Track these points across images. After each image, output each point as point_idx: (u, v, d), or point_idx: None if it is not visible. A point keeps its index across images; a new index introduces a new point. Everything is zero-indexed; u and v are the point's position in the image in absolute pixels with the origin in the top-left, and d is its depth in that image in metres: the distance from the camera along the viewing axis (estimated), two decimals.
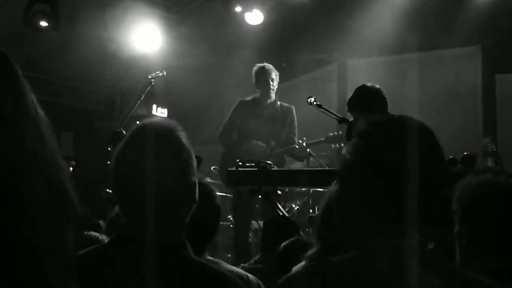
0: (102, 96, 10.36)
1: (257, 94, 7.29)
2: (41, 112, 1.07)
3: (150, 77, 7.16)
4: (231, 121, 7.27)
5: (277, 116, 7.17)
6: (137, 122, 2.10)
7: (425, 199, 1.63)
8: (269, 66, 7.26)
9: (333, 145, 6.89)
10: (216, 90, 7.23)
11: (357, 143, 1.75)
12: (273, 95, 7.20)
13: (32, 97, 1.06)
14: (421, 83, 9.04)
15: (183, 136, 2.03)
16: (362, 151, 1.72)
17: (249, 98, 7.32)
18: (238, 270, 3.02)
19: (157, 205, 1.86)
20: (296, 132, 7.30)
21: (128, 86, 9.07)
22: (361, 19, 9.20)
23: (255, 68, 7.33)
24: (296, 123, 7.32)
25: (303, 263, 2.80)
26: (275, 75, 7.22)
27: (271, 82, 7.17)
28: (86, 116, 10.50)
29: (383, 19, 9.13)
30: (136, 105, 7.10)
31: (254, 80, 7.29)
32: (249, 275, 2.99)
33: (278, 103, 7.28)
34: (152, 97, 8.40)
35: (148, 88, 7.15)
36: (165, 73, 7.21)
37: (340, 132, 6.74)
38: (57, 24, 8.46)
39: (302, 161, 7.24)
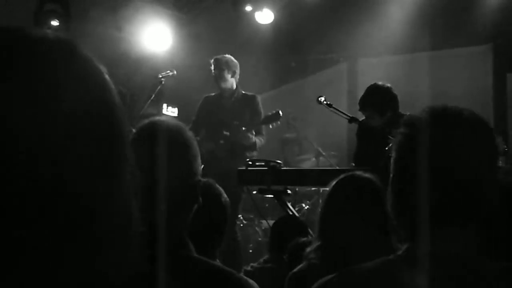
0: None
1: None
2: None
3: (160, 76, 7.14)
4: (197, 118, 7.13)
5: (236, 106, 7.00)
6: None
7: (468, 200, 1.60)
8: (215, 58, 7.07)
9: (270, 125, 6.60)
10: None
11: (405, 137, 1.70)
12: (226, 85, 7.01)
13: None
14: (432, 82, 8.93)
15: (189, 136, 2.03)
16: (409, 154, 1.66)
17: (213, 93, 7.21)
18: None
19: (159, 203, 1.83)
20: (260, 118, 6.91)
21: (138, 85, 9.03)
22: (372, 18, 9.16)
23: None
24: (259, 111, 6.99)
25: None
26: (219, 65, 7.01)
27: (215, 73, 7.01)
28: None
29: (394, 18, 9.11)
30: (147, 104, 7.07)
31: None
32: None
33: (241, 92, 7.11)
34: (162, 96, 8.34)
35: (159, 87, 7.11)
36: (175, 72, 7.17)
37: (276, 111, 6.51)
38: (69, 24, 8.41)
39: (253, 150, 6.81)
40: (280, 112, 6.47)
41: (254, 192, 6.28)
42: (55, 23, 8.27)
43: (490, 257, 1.68)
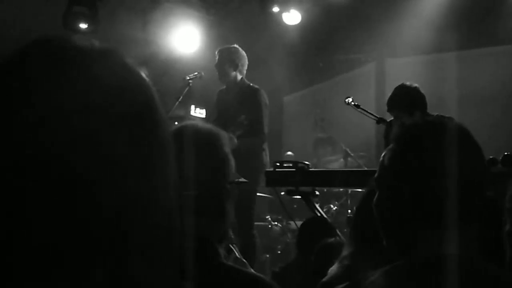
0: None
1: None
2: None
3: (188, 78, 7.09)
4: (216, 113, 7.10)
5: (238, 99, 6.77)
6: (176, 123, 2.07)
7: (469, 202, 1.61)
8: (218, 50, 6.92)
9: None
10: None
11: (396, 148, 1.71)
12: (228, 79, 6.84)
13: None
14: (459, 82, 8.89)
15: (220, 140, 2.01)
16: (402, 156, 1.68)
17: (224, 87, 7.05)
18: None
19: (188, 211, 1.81)
20: (260, 117, 6.64)
21: (166, 87, 9.03)
22: (400, 18, 9.14)
23: None
24: (260, 106, 6.67)
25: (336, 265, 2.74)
26: (220, 58, 6.84)
27: (216, 68, 6.87)
28: None
29: (421, 17, 9.06)
30: (175, 106, 7.04)
31: None
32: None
33: (246, 85, 6.84)
34: (190, 98, 8.25)
35: (186, 89, 7.08)
36: (203, 74, 7.14)
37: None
38: (97, 26, 8.45)
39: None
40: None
41: (282, 193, 6.22)
42: (83, 25, 8.32)
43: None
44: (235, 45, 6.93)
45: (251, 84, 6.84)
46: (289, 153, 9.88)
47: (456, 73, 8.94)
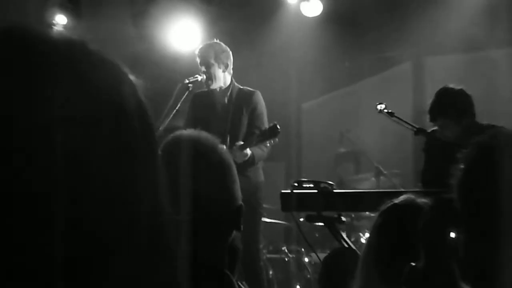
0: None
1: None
2: None
3: (187, 81, 6.94)
4: (189, 117, 7.00)
5: (230, 108, 6.68)
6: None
7: None
8: (199, 49, 6.84)
9: (267, 143, 6.32)
10: (267, 96, 7.06)
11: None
12: (218, 85, 6.77)
13: None
14: (510, 82, 8.82)
15: (226, 155, 2.07)
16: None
17: (204, 90, 6.95)
18: None
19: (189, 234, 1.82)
20: (263, 125, 6.58)
21: (161, 92, 9.00)
22: (439, 9, 9.14)
23: None
24: (262, 113, 6.68)
25: None
26: (205, 59, 6.74)
27: (200, 66, 6.78)
28: None
29: (465, 9, 9.07)
30: (171, 115, 6.95)
31: None
32: None
33: (237, 88, 6.80)
34: None
35: (185, 94, 6.98)
36: (205, 76, 6.94)
37: (273, 124, 6.18)
38: (79, 19, 8.61)
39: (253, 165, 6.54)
40: (278, 126, 6.13)
41: (301, 219, 6.15)
42: (63, 18, 8.55)
43: None
44: (217, 40, 6.92)
45: (243, 87, 6.83)
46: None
47: (507, 73, 8.90)
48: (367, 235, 7.94)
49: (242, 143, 6.28)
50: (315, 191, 5.24)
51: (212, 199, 1.95)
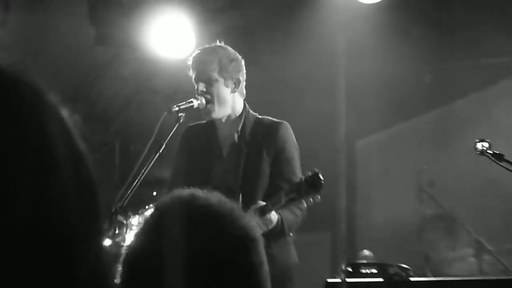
0: (90, 143, 9.92)
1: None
2: None
3: (176, 108, 5.81)
4: (179, 164, 6.09)
5: (243, 144, 5.73)
6: (154, 194, 0.60)
7: None
8: (193, 56, 5.77)
9: (305, 203, 5.26)
10: (301, 129, 6.15)
11: None
12: (223, 113, 5.77)
13: None
14: None
15: (250, 228, 2.03)
16: None
17: (202, 121, 6.07)
18: None
19: None
20: (295, 174, 5.58)
21: (136, 123, 8.58)
22: None
23: None
24: (292, 157, 5.70)
25: None
26: (204, 72, 5.66)
27: (196, 84, 5.74)
28: None
29: None
30: (153, 160, 5.73)
31: None
32: None
33: (252, 117, 5.86)
34: None
35: (175, 127, 5.88)
36: (203, 100, 5.75)
37: (314, 172, 5.13)
38: (7, 16, 8.63)
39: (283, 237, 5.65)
40: (320, 175, 5.10)
41: None
42: None
43: None
44: (221, 43, 5.86)
45: (262, 116, 5.90)
46: (367, 252, 9.53)
47: None
48: None
49: (263, 203, 5.33)
50: (381, 279, 5.35)
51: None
